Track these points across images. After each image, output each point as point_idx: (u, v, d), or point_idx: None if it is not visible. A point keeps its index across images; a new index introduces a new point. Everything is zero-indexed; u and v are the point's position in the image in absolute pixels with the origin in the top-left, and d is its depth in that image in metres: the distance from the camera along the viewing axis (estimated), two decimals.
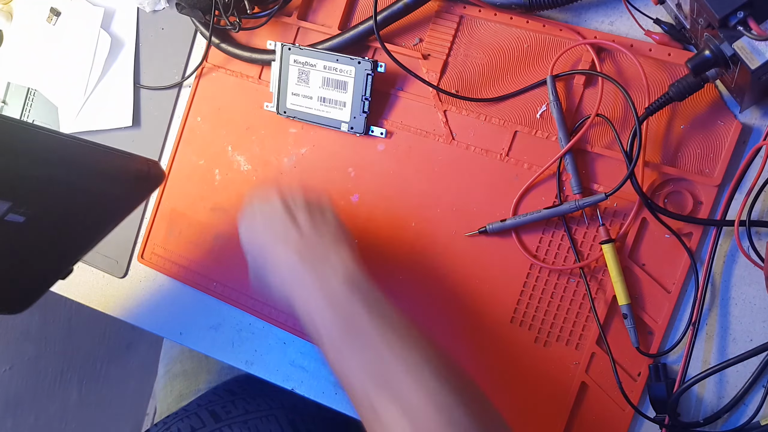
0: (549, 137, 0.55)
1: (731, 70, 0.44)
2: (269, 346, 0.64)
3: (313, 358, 0.62)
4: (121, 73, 0.73)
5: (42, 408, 0.65)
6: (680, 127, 0.52)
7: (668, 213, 0.50)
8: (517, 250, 0.55)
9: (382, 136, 0.60)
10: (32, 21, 0.78)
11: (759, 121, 0.50)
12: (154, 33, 0.72)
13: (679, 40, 0.51)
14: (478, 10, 0.57)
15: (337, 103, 0.60)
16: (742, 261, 0.50)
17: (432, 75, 0.59)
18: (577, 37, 0.54)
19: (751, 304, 0.50)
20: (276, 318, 0.63)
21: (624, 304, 0.51)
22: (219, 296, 0.65)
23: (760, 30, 0.39)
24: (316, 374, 0.62)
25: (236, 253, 0.54)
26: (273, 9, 0.62)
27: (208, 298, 0.66)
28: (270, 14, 0.62)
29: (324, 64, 0.59)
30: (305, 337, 0.62)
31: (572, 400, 0.53)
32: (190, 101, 0.69)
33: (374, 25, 0.55)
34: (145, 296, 0.70)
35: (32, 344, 1.64)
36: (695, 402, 0.51)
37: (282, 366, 0.63)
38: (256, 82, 0.66)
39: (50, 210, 0.44)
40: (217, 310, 0.66)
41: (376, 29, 0.55)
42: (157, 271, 0.69)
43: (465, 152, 0.58)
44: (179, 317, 0.67)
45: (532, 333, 0.55)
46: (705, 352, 0.51)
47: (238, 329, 0.65)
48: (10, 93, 0.81)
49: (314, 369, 0.62)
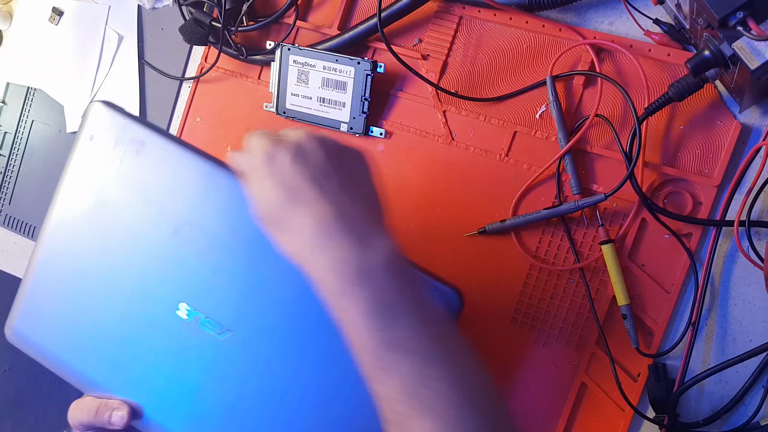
0: (548, 138, 0.55)
1: (731, 71, 0.44)
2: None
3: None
4: (127, 70, 0.73)
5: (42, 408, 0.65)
6: (680, 127, 0.52)
7: (668, 213, 0.50)
8: (517, 250, 0.55)
9: (382, 136, 0.60)
10: (33, 21, 0.78)
11: (758, 121, 0.50)
12: (154, 33, 0.72)
13: (679, 40, 0.51)
14: (477, 11, 0.57)
15: (336, 104, 0.60)
16: (741, 261, 0.50)
17: (431, 75, 0.59)
18: (576, 37, 0.54)
19: (751, 305, 0.50)
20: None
21: (623, 305, 0.51)
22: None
23: (759, 30, 0.39)
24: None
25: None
26: (271, 17, 0.62)
27: None
28: (266, 23, 0.62)
29: (323, 64, 0.59)
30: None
31: (572, 400, 0.53)
32: (189, 101, 0.69)
33: (378, 22, 0.55)
34: None
35: None
36: (695, 402, 0.51)
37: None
38: (255, 82, 0.66)
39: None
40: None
41: (380, 26, 0.55)
42: None
43: (464, 152, 0.58)
44: None
45: (532, 333, 0.55)
46: (705, 352, 0.51)
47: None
48: (9, 93, 0.81)
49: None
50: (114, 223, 0.53)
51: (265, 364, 0.49)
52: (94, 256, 0.53)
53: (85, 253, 0.54)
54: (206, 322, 0.50)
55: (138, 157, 0.52)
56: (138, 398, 0.52)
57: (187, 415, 0.51)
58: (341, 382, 0.48)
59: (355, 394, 0.47)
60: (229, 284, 0.50)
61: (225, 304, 0.50)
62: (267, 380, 0.49)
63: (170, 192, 0.51)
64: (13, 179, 0.80)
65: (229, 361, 0.50)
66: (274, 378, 0.49)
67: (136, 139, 0.52)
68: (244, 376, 0.49)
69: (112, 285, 0.53)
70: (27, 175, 0.79)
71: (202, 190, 0.51)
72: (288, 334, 0.49)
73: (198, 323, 0.50)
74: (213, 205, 0.50)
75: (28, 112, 0.80)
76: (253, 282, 0.50)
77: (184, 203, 0.51)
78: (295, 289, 0.48)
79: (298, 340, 0.49)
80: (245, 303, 0.50)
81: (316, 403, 0.48)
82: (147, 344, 0.51)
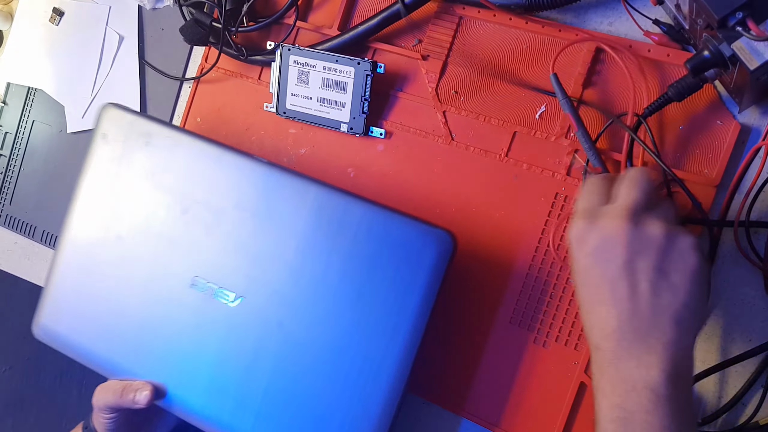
0: (548, 138, 0.55)
1: (730, 71, 0.44)
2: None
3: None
4: (127, 70, 0.73)
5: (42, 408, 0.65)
6: (679, 127, 0.52)
7: None
8: (517, 250, 0.55)
9: (382, 136, 0.60)
10: (33, 21, 0.78)
11: (758, 121, 0.50)
12: (155, 33, 0.72)
13: (678, 40, 0.51)
14: (477, 11, 0.57)
15: (336, 104, 0.60)
16: (741, 261, 0.50)
17: (431, 76, 0.59)
18: (576, 37, 0.54)
19: (750, 305, 0.50)
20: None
21: None
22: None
23: (759, 30, 0.39)
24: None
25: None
26: (271, 18, 0.62)
27: None
28: (266, 23, 0.62)
29: (323, 64, 0.59)
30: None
31: (571, 400, 0.53)
32: (190, 102, 0.69)
33: (401, 6, 0.55)
34: None
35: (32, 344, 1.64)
36: (695, 402, 0.51)
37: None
38: (255, 82, 0.66)
39: None
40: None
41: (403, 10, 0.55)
42: None
43: (464, 152, 0.58)
44: None
45: (532, 333, 0.55)
46: (705, 352, 0.51)
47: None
48: (10, 93, 0.81)
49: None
50: (127, 212, 0.57)
51: (278, 324, 0.52)
52: (111, 246, 0.58)
53: (103, 246, 0.58)
54: (219, 291, 0.53)
55: (147, 147, 0.57)
56: (160, 376, 0.55)
57: (208, 386, 0.53)
58: (354, 333, 0.50)
59: (367, 343, 0.50)
60: (237, 254, 0.53)
61: (235, 273, 0.53)
62: (281, 340, 0.52)
63: (178, 175, 0.56)
64: (13, 179, 0.80)
65: (243, 326, 0.53)
66: (288, 337, 0.51)
67: (144, 131, 0.57)
68: (259, 339, 0.52)
69: (128, 271, 0.57)
70: (27, 175, 0.79)
71: (206, 169, 0.55)
72: (297, 293, 0.51)
73: (212, 294, 0.53)
74: (218, 183, 0.54)
75: (28, 112, 0.80)
76: (260, 249, 0.53)
77: (191, 184, 0.55)
78: (299, 250, 0.51)
79: (307, 297, 0.51)
80: (254, 269, 0.53)
81: (331, 356, 0.50)
82: (165, 322, 0.55)
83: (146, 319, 0.55)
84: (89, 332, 0.57)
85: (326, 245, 0.51)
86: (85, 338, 0.58)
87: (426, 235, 0.49)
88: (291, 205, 0.52)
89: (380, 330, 0.49)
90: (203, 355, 0.53)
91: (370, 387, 0.49)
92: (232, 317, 0.53)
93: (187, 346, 0.54)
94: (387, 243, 0.49)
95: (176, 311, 0.54)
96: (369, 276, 0.50)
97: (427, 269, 0.48)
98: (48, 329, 0.59)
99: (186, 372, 0.54)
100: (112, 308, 0.57)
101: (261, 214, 0.53)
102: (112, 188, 0.58)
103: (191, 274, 0.54)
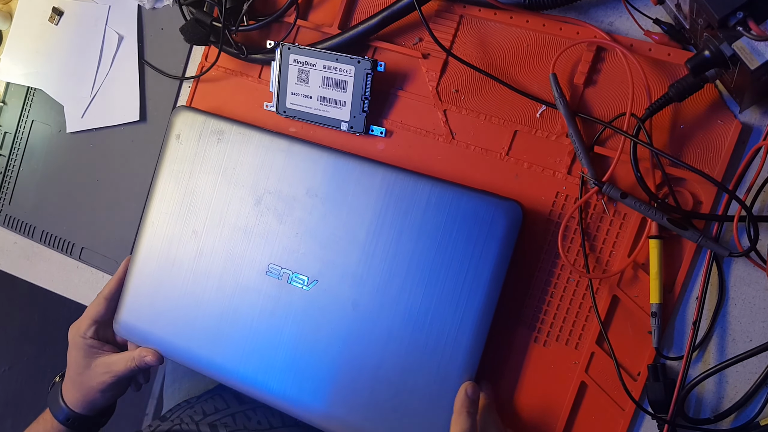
0: (548, 137, 0.55)
1: (731, 71, 0.44)
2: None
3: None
4: (127, 69, 0.73)
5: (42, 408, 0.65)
6: (680, 127, 0.52)
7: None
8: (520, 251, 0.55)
9: (382, 135, 0.60)
10: (33, 21, 0.78)
11: (758, 120, 0.50)
12: (154, 33, 0.72)
13: (679, 40, 0.51)
14: (477, 10, 0.57)
15: (336, 103, 0.60)
16: (741, 261, 0.50)
17: (432, 74, 0.59)
18: (576, 36, 0.54)
19: (751, 304, 0.50)
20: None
21: (656, 303, 0.50)
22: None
23: (759, 30, 0.39)
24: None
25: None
26: (271, 16, 0.62)
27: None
28: (266, 22, 0.62)
29: (324, 63, 0.59)
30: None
31: (572, 399, 0.53)
32: (190, 101, 0.69)
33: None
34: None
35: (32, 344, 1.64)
36: (695, 402, 0.51)
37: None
38: (255, 81, 0.66)
39: None
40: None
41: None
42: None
43: (465, 151, 0.58)
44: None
45: (532, 333, 0.55)
46: (705, 352, 0.51)
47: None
48: (9, 93, 0.81)
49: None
50: (202, 207, 0.60)
51: (352, 304, 0.54)
52: (187, 241, 0.61)
53: (179, 242, 0.61)
54: (294, 277, 0.55)
55: (219, 144, 0.60)
56: (240, 362, 0.58)
57: (286, 368, 0.56)
58: (428, 309, 0.51)
59: (441, 319, 0.51)
60: (310, 239, 0.56)
61: (309, 258, 0.55)
62: (355, 320, 0.54)
63: (249, 168, 0.59)
64: (13, 179, 0.80)
65: (318, 309, 0.55)
66: (363, 317, 0.54)
67: (216, 129, 0.60)
68: (334, 320, 0.54)
69: (204, 264, 0.60)
70: (27, 175, 0.79)
71: (277, 160, 0.57)
72: (370, 273, 0.53)
73: (287, 280, 0.56)
74: (288, 172, 0.57)
75: (28, 112, 0.80)
76: (332, 233, 0.55)
77: (263, 175, 0.58)
78: (370, 231, 0.53)
79: (380, 277, 0.53)
80: (327, 253, 0.55)
81: (406, 334, 0.52)
82: (243, 310, 0.58)
83: (224, 309, 0.58)
84: (169, 326, 0.60)
85: (396, 224, 0.52)
86: (164, 332, 0.60)
87: (496, 207, 0.50)
88: (360, 189, 0.54)
89: (454, 304, 0.50)
90: (281, 340, 0.56)
91: (446, 362, 0.51)
92: (307, 301, 0.55)
93: (265, 332, 0.56)
94: (457, 218, 0.51)
95: (253, 299, 0.57)
96: (441, 251, 0.51)
97: (499, 240, 0.50)
98: (128, 325, 0.62)
99: (265, 357, 0.57)
100: (190, 301, 0.59)
101: (331, 200, 0.55)
102: (187, 186, 0.61)
103: (266, 261, 0.57)
